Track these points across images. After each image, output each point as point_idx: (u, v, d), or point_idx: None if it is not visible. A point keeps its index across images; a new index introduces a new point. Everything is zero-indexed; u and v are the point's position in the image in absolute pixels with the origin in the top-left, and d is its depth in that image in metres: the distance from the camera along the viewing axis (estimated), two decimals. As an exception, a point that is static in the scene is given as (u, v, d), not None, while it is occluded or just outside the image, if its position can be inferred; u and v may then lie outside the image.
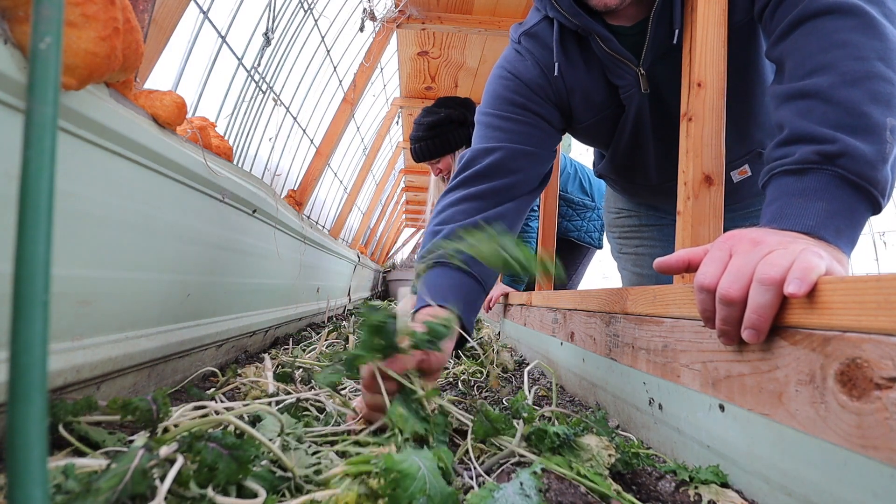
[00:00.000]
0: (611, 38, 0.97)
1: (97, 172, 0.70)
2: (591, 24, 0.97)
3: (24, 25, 0.53)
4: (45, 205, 0.28)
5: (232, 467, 0.44)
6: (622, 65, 1.00)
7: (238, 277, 1.34)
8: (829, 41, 0.68)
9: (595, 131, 1.16)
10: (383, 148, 5.25)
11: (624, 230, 1.60)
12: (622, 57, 0.99)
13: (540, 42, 1.07)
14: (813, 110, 0.65)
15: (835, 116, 0.63)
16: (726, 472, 0.58)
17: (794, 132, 0.66)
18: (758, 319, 0.48)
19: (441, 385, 1.16)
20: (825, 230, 0.57)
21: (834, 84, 0.65)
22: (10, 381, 0.26)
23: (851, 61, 0.65)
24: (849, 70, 0.65)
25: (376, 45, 2.59)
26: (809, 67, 0.69)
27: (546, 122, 1.09)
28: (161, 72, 1.60)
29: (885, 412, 0.38)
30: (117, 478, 0.38)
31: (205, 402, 0.72)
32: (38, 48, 0.29)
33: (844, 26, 0.68)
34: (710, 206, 0.88)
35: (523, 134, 1.07)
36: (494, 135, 1.07)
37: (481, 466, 0.61)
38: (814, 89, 0.66)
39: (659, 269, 0.62)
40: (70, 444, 0.55)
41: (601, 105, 1.08)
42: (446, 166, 2.33)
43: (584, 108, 1.10)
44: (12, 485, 0.25)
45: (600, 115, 1.10)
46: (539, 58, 1.07)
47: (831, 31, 0.69)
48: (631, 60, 1.00)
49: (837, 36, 0.68)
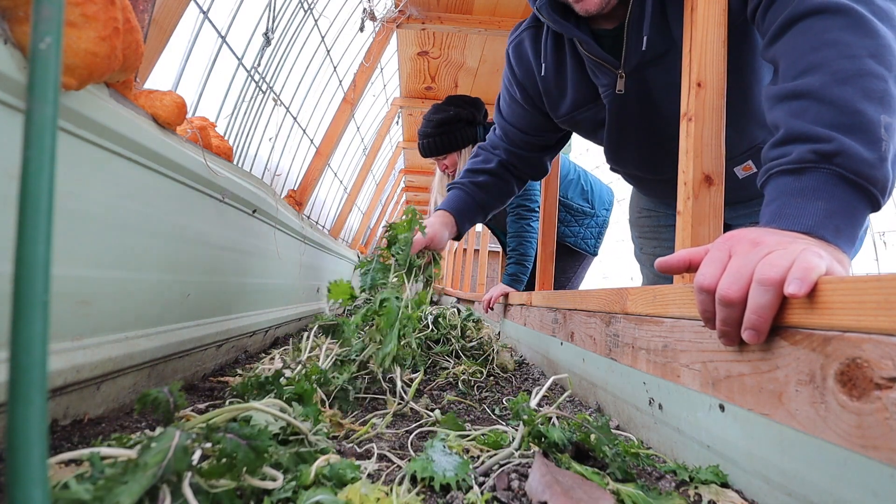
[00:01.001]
0: (589, 42, 1.03)
1: (97, 172, 0.70)
2: (569, 30, 1.04)
3: (24, 25, 0.53)
4: (45, 205, 0.28)
5: (250, 457, 0.45)
6: (601, 66, 1.07)
7: (238, 277, 1.34)
8: (819, 40, 0.68)
9: (575, 125, 1.28)
10: (383, 148, 5.25)
11: (644, 230, 1.62)
12: (601, 59, 1.05)
13: (528, 46, 1.23)
14: (807, 110, 0.65)
15: (829, 116, 0.63)
16: (726, 472, 0.58)
17: (790, 132, 0.66)
18: (757, 320, 0.48)
19: (441, 385, 1.16)
20: (825, 229, 0.57)
21: (826, 83, 0.65)
22: (10, 381, 0.26)
23: (843, 60, 0.65)
24: (840, 69, 0.65)
25: (376, 45, 2.59)
26: (801, 67, 0.69)
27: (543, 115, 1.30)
28: (161, 72, 1.60)
29: (885, 412, 0.38)
30: (161, 454, 0.39)
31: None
32: (38, 48, 0.29)
33: (835, 25, 0.68)
34: (710, 206, 0.88)
35: (526, 122, 1.35)
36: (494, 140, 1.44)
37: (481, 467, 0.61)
38: (806, 89, 0.66)
39: (660, 268, 0.62)
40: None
41: (581, 102, 1.18)
42: (452, 163, 2.33)
43: (562, 104, 1.22)
44: (12, 485, 0.25)
45: (579, 111, 1.20)
46: (527, 65, 1.25)
47: (821, 30, 0.69)
48: (610, 63, 1.04)
49: (828, 35, 0.68)
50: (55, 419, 0.66)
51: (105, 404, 0.76)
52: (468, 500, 0.52)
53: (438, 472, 0.55)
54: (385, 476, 0.58)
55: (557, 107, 1.24)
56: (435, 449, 0.61)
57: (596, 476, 0.56)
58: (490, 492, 0.54)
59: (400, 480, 0.55)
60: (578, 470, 0.58)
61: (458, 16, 2.57)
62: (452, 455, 0.60)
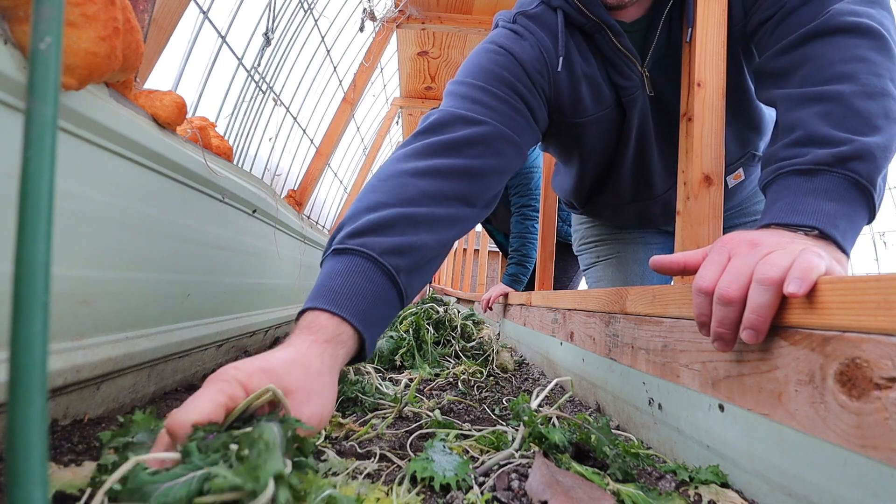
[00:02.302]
0: (622, 33, 0.93)
1: (97, 172, 0.70)
2: (607, 17, 0.91)
3: (24, 25, 0.53)
4: (45, 205, 0.28)
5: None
6: (630, 63, 0.96)
7: (238, 277, 1.34)
8: (850, 54, 0.70)
9: (586, 130, 1.05)
10: (383, 148, 5.25)
11: (590, 260, 1.60)
12: (630, 54, 0.95)
13: (542, 25, 0.96)
14: (831, 114, 0.67)
15: (853, 123, 0.65)
16: (726, 472, 0.58)
17: (810, 134, 0.67)
18: (757, 319, 0.48)
19: (441, 385, 1.16)
20: (835, 229, 0.59)
21: (855, 93, 0.67)
22: (10, 381, 0.26)
23: (872, 76, 0.68)
24: (869, 83, 0.67)
25: (376, 45, 2.59)
26: (830, 74, 0.70)
27: (531, 113, 0.95)
28: (161, 72, 1.60)
29: (885, 412, 0.38)
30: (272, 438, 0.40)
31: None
32: (38, 48, 0.29)
33: (864, 44, 0.70)
34: (710, 206, 0.88)
35: (509, 117, 0.89)
36: (475, 108, 0.87)
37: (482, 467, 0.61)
38: (835, 94, 0.68)
39: (654, 267, 0.63)
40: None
41: (599, 105, 1.01)
42: None
43: (579, 105, 1.01)
44: (12, 485, 0.25)
45: (594, 115, 1.02)
46: (541, 40, 0.95)
47: (852, 46, 0.71)
48: (637, 59, 0.97)
49: (858, 52, 0.70)
50: (55, 419, 0.66)
51: (105, 404, 0.76)
52: (468, 500, 0.52)
53: (438, 472, 0.55)
54: (385, 476, 0.58)
55: (585, 105, 1.01)
56: (435, 449, 0.61)
57: (596, 476, 0.56)
58: (490, 492, 0.54)
59: (400, 480, 0.55)
60: (579, 470, 0.58)
61: (457, 16, 2.57)
62: (452, 455, 0.60)
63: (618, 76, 0.98)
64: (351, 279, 0.65)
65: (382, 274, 0.67)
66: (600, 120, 1.03)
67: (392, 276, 0.68)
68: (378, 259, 0.67)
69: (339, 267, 0.66)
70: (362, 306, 0.63)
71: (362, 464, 0.60)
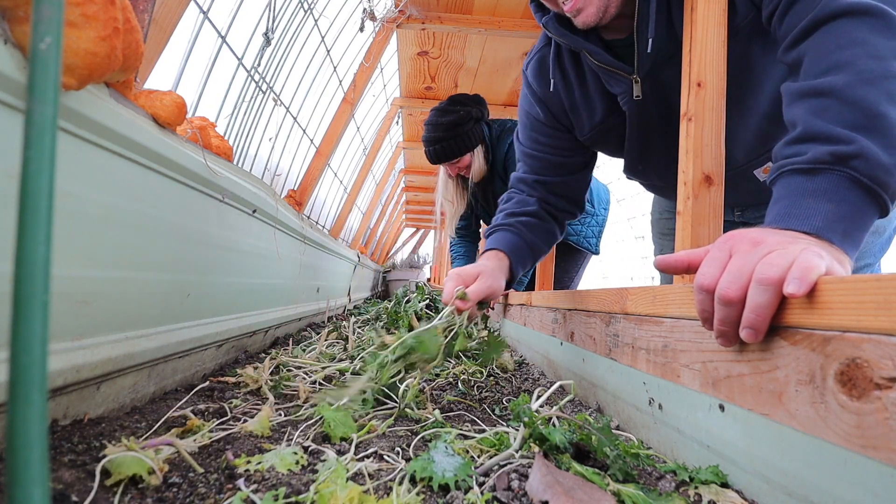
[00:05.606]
0: (598, 51, 1.02)
1: (97, 172, 0.70)
2: (578, 42, 1.03)
3: (24, 25, 0.53)
4: (45, 205, 0.28)
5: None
6: (615, 74, 1.05)
7: (238, 277, 1.34)
8: (846, 39, 0.67)
9: (602, 140, 1.21)
10: (383, 148, 5.25)
11: (665, 231, 1.62)
12: (613, 67, 1.04)
13: (543, 67, 1.20)
14: (828, 109, 0.64)
15: (851, 116, 0.62)
16: (726, 472, 0.58)
17: (808, 130, 0.64)
18: (756, 319, 0.48)
19: (441, 385, 1.16)
20: (832, 232, 0.57)
21: (850, 82, 0.63)
22: (10, 381, 0.26)
23: (869, 60, 0.64)
24: (866, 68, 0.63)
25: (376, 45, 2.59)
26: (825, 65, 0.67)
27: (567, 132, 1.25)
28: (161, 72, 1.60)
29: (885, 412, 0.38)
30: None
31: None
32: (38, 48, 0.29)
33: (863, 26, 0.66)
34: (710, 206, 0.88)
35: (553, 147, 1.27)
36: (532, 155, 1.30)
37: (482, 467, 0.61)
38: (829, 87, 0.65)
39: (659, 267, 0.62)
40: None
41: (602, 115, 1.14)
42: (466, 164, 2.32)
43: (585, 121, 1.18)
44: (12, 485, 0.25)
45: (603, 125, 1.16)
46: (537, 88, 1.22)
47: (849, 30, 0.67)
48: (623, 70, 1.03)
49: (855, 34, 0.66)
50: (55, 419, 0.66)
51: (105, 404, 0.76)
52: (468, 501, 0.52)
53: (438, 472, 0.55)
54: (385, 476, 0.58)
55: (582, 124, 1.19)
56: (437, 450, 0.61)
57: (596, 477, 0.56)
58: (490, 492, 0.54)
59: (400, 480, 0.55)
60: (579, 471, 0.58)
61: (457, 16, 2.57)
62: (454, 456, 0.60)
63: (609, 85, 1.09)
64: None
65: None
66: (604, 129, 1.17)
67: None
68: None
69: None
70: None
71: (362, 463, 0.60)
